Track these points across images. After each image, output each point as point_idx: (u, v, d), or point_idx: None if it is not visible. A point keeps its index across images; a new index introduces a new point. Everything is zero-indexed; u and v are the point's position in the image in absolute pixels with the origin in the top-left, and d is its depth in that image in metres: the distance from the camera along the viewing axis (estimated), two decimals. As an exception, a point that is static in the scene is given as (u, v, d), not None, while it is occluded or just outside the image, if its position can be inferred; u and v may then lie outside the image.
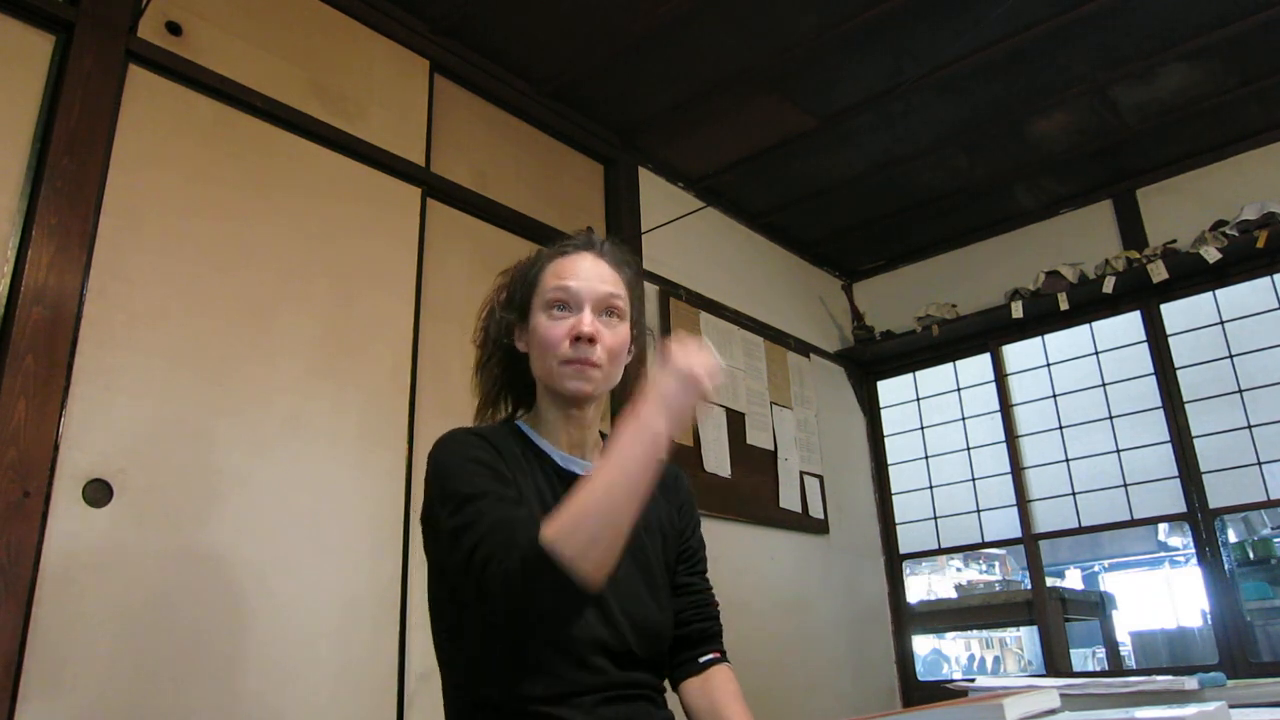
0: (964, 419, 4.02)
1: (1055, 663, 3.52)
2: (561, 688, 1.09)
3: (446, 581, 1.17)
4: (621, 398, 1.30)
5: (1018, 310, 3.75)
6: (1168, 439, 3.43)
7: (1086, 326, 3.73)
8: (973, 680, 1.35)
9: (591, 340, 1.18)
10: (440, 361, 2.43)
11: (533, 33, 2.75)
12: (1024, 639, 5.30)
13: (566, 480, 1.20)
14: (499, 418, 1.32)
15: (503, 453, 1.17)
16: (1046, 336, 3.83)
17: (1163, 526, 5.05)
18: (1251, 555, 3.73)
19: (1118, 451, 3.54)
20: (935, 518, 4.00)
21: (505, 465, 1.15)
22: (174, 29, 2.09)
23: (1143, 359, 3.57)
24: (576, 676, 1.10)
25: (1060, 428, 3.71)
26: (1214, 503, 3.29)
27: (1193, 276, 3.46)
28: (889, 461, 4.20)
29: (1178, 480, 3.38)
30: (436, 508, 1.13)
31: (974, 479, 3.92)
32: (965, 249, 4.18)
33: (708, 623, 1.29)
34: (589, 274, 1.22)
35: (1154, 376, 3.51)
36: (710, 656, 1.27)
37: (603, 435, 1.32)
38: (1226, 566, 3.25)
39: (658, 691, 1.23)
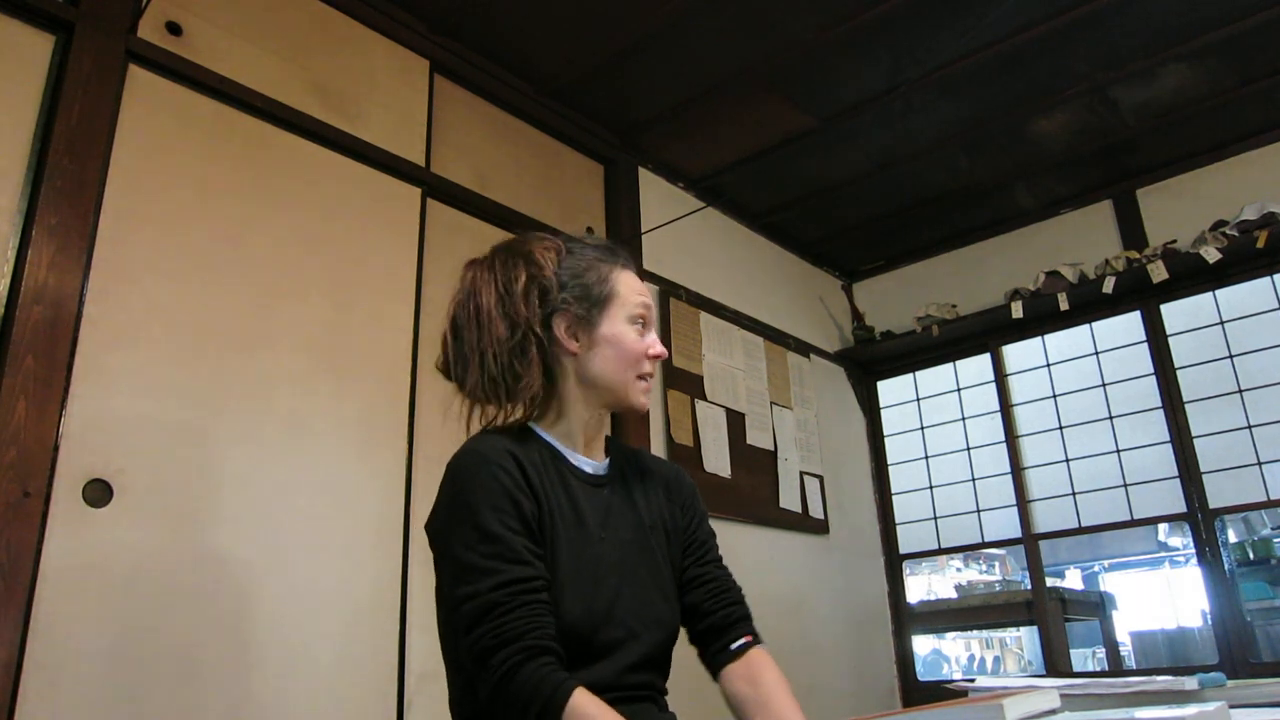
0: (964, 419, 4.02)
1: (1055, 663, 3.52)
2: None
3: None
4: None
5: (1018, 310, 3.75)
6: (1168, 439, 3.43)
7: (1086, 327, 3.73)
8: (973, 680, 1.35)
9: (659, 360, 1.28)
10: (440, 361, 2.42)
11: (533, 33, 2.75)
12: (1024, 639, 5.30)
13: (580, 479, 1.23)
14: (515, 415, 1.24)
15: (527, 468, 1.16)
16: (1046, 337, 3.83)
17: (1163, 526, 5.06)
18: (1251, 555, 3.74)
19: (1118, 451, 3.54)
20: (935, 518, 3.99)
21: (530, 489, 1.15)
22: (174, 29, 2.09)
23: (1143, 359, 3.56)
24: (585, 677, 1.10)
25: (1060, 428, 3.71)
26: (1214, 503, 3.28)
27: (1193, 276, 3.45)
28: (889, 461, 4.20)
29: (1178, 480, 3.38)
30: (454, 530, 1.12)
31: (974, 479, 3.91)
32: (965, 249, 4.18)
33: (730, 608, 1.28)
34: (650, 296, 1.31)
35: (1154, 376, 3.51)
36: (743, 641, 1.26)
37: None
38: (1226, 566, 3.25)
39: (660, 693, 1.23)
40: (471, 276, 1.24)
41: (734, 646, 1.25)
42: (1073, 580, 5.52)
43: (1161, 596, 5.26)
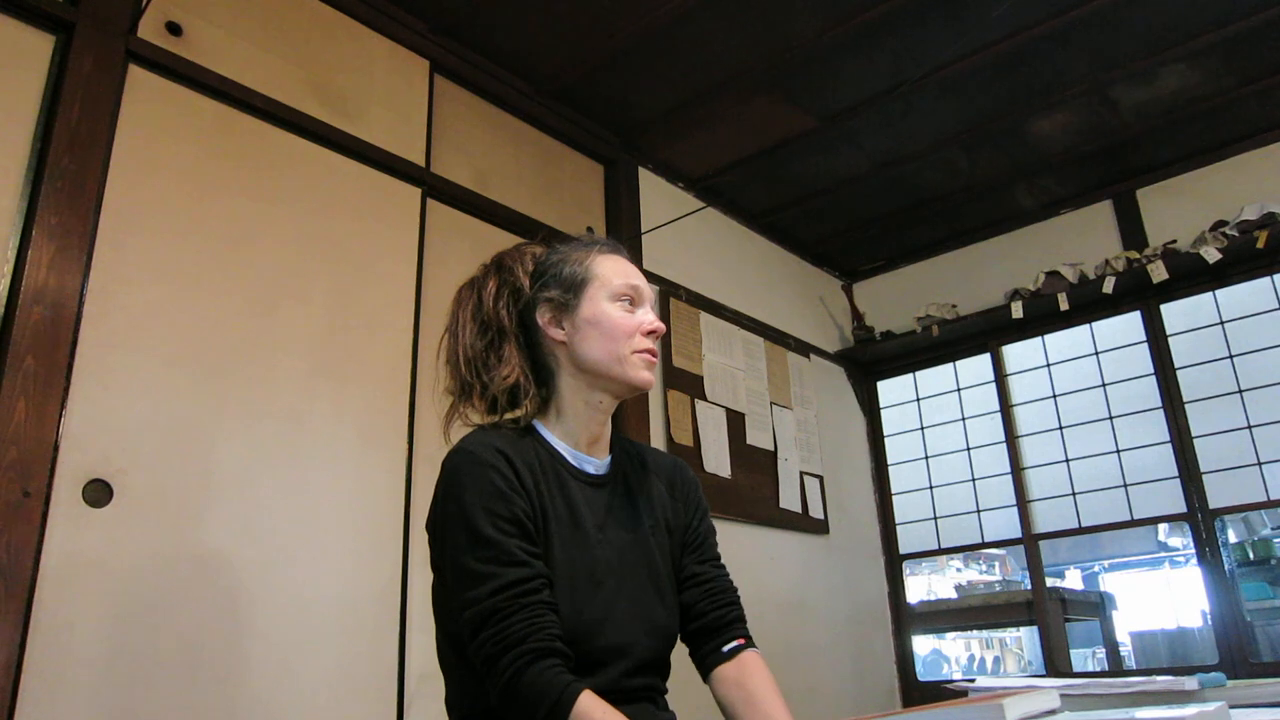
0: (964, 419, 4.02)
1: (1055, 663, 3.52)
2: None
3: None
4: None
5: (1018, 310, 3.75)
6: (1168, 439, 3.43)
7: (1086, 327, 3.73)
8: (973, 680, 1.35)
9: (657, 336, 1.26)
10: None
11: (533, 33, 2.75)
12: (1024, 639, 5.31)
13: (579, 479, 1.22)
14: (510, 416, 1.25)
15: (519, 468, 1.15)
16: (1046, 337, 3.83)
17: (1163, 526, 5.06)
18: (1251, 555, 3.74)
19: (1118, 451, 3.54)
20: (935, 518, 3.99)
21: (524, 489, 1.14)
22: (174, 29, 2.09)
23: (1143, 359, 3.56)
24: (584, 681, 1.10)
25: (1060, 428, 3.71)
26: (1214, 503, 3.28)
27: (1193, 276, 3.45)
28: (889, 462, 4.20)
29: (1178, 480, 3.38)
30: (449, 534, 1.12)
31: (974, 479, 3.91)
32: (965, 249, 4.18)
33: (724, 609, 1.28)
34: (641, 277, 1.29)
35: (1154, 376, 3.51)
36: (736, 644, 1.25)
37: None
38: (1226, 566, 3.25)
39: (660, 693, 1.23)
40: (456, 299, 1.30)
41: (726, 649, 1.25)
42: (1073, 580, 5.52)
43: (1161, 596, 5.26)
